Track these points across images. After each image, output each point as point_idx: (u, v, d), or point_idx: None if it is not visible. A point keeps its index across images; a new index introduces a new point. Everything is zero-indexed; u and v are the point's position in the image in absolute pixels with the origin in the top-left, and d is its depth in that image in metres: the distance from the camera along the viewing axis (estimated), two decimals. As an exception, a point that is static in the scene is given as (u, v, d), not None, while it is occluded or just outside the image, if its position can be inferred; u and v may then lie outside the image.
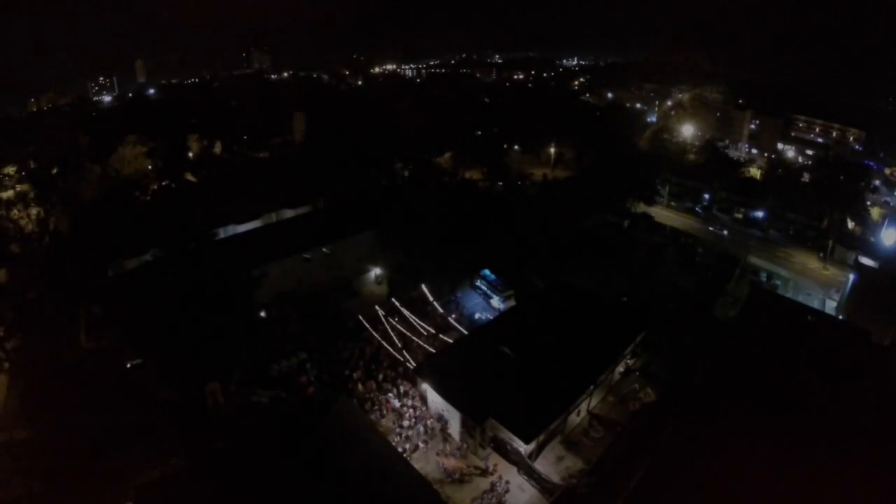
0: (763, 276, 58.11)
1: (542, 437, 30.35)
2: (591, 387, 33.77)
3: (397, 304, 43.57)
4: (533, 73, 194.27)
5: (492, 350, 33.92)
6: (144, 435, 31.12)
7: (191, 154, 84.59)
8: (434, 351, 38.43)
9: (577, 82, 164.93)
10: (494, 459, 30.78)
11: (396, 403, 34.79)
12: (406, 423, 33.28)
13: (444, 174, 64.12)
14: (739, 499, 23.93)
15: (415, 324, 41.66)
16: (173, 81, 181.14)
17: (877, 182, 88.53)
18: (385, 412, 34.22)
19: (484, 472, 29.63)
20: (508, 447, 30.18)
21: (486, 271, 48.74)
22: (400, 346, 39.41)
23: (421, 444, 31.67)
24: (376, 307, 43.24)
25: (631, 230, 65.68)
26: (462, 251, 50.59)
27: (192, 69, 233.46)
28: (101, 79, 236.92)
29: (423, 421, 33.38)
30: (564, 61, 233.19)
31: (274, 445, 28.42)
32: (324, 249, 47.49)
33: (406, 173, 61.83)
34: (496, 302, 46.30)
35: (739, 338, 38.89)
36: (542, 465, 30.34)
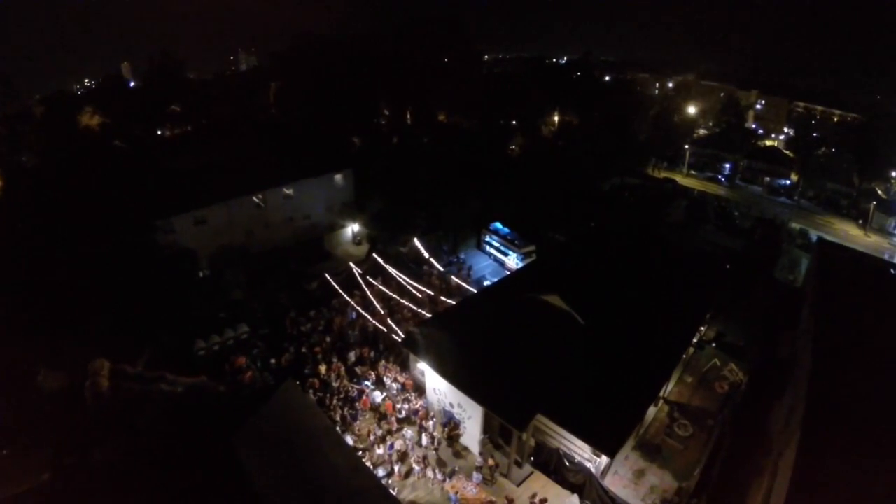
0: (814, 238, 48.48)
1: (616, 443, 17.44)
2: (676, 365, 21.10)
3: (380, 260, 30.36)
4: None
5: (526, 307, 20.66)
6: (16, 436, 20.72)
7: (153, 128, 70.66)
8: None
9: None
10: (537, 482, 17.77)
11: (377, 397, 21.70)
12: (391, 428, 20.20)
13: (438, 121, 51.20)
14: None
15: (405, 284, 28.55)
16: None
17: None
18: (359, 410, 21.10)
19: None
20: (567, 463, 16.95)
21: (498, 224, 35.93)
22: (384, 313, 26.29)
23: (416, 466, 18.43)
24: (350, 264, 30.05)
25: (657, 190, 54.45)
26: (462, 202, 37.82)
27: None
28: (87, 81, 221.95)
29: (418, 423, 20.36)
30: (555, 60, 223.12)
31: (174, 457, 16.06)
32: (285, 190, 34.04)
33: (388, 112, 48.92)
34: (512, 260, 33.40)
35: (827, 301, 27.47)
36: (616, 487, 17.42)
